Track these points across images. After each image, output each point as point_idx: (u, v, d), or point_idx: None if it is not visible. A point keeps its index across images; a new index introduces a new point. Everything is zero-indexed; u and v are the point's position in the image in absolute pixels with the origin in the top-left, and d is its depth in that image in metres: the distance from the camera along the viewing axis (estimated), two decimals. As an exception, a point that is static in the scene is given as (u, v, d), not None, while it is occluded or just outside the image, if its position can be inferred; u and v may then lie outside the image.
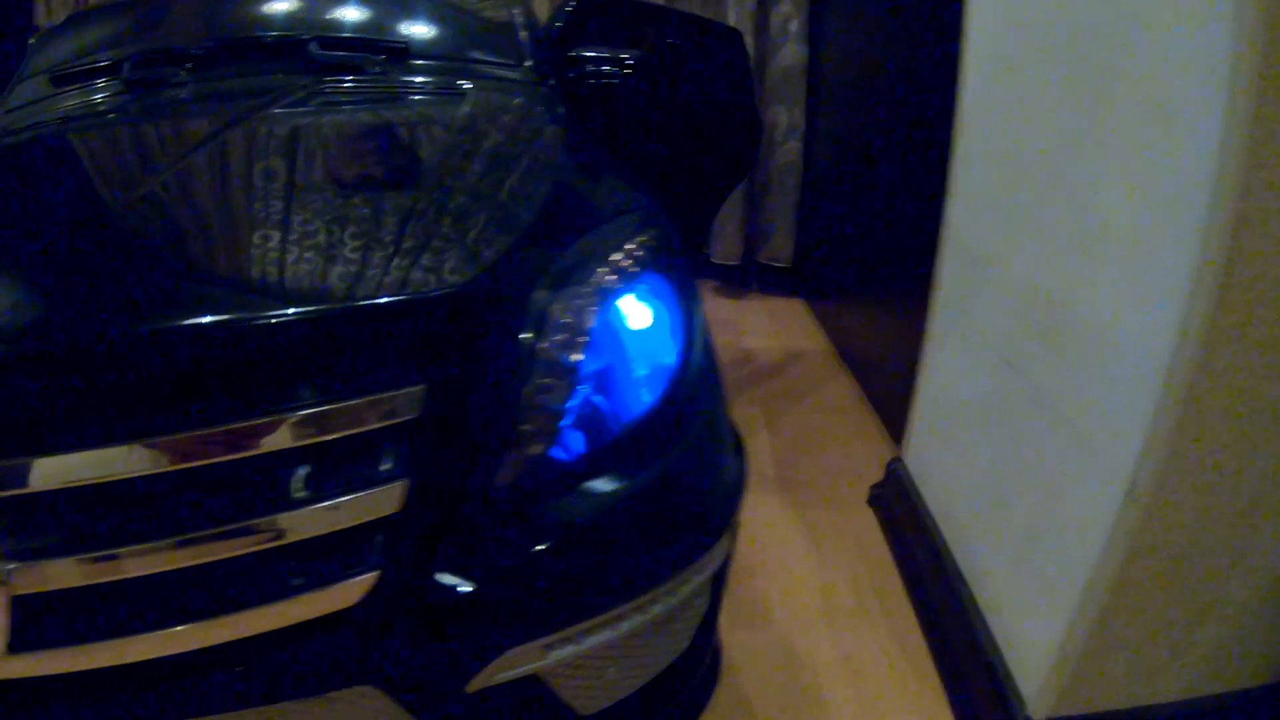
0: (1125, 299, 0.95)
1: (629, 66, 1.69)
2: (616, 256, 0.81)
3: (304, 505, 0.67)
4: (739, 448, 0.92)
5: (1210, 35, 0.79)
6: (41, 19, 3.22)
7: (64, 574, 0.65)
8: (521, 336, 0.72)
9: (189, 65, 1.37)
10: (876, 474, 1.89)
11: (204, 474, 0.66)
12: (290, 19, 1.59)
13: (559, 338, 0.73)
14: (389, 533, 0.68)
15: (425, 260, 0.73)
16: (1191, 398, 0.87)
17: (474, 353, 0.69)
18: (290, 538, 0.67)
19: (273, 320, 0.67)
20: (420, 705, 0.72)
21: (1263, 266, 0.81)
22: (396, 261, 0.72)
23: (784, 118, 3.24)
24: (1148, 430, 0.90)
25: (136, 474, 0.64)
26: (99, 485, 0.65)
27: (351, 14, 1.62)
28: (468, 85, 1.36)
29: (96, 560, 0.65)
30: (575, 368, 0.73)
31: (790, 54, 3.14)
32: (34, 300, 0.73)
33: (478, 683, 0.71)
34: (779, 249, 3.39)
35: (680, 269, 0.88)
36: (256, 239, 0.77)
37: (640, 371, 0.79)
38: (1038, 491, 1.15)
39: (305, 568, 0.68)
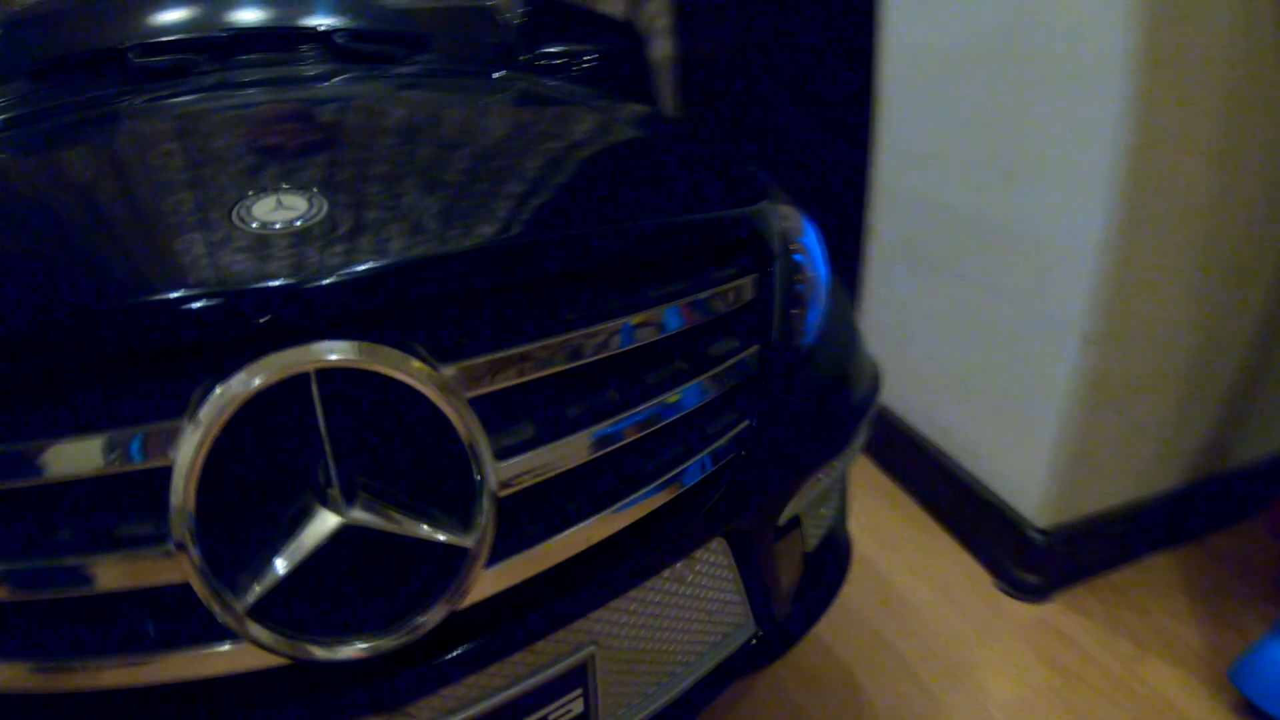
0: (1061, 205, 1.33)
1: (587, 63, 1.80)
2: (784, 195, 1.04)
3: (713, 366, 0.80)
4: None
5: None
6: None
7: (534, 469, 0.66)
8: (780, 246, 0.92)
9: (198, 55, 1.23)
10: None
11: (614, 361, 0.74)
12: (295, 12, 1.53)
13: (795, 247, 0.95)
14: (749, 390, 0.85)
15: (726, 189, 0.92)
16: (1120, 263, 1.27)
17: (768, 255, 0.89)
18: (697, 399, 0.78)
19: (675, 224, 0.81)
20: (743, 544, 0.87)
21: (1157, 176, 1.23)
22: (712, 190, 0.92)
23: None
24: (1091, 294, 1.30)
25: (580, 363, 0.70)
26: (533, 382, 0.68)
27: (353, 7, 1.60)
28: (501, 74, 1.39)
29: (557, 453, 0.67)
30: (815, 274, 0.96)
31: (660, 47, 3.45)
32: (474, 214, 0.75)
33: (785, 514, 0.89)
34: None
35: None
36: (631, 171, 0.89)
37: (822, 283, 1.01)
38: (1004, 364, 1.53)
39: (699, 433, 0.80)
